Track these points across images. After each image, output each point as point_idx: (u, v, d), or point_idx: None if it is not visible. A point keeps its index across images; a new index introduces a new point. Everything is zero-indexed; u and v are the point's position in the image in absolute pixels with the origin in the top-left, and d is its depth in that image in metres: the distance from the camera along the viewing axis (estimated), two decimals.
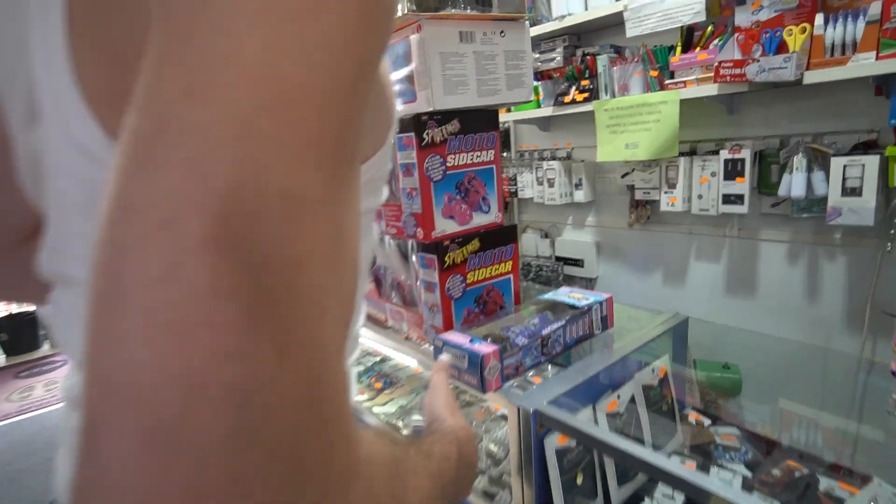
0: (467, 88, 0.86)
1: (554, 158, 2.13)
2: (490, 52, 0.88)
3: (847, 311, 1.52)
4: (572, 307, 0.93)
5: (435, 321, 0.94)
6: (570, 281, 2.28)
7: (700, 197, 1.68)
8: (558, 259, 2.29)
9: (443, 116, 0.86)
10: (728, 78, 1.40)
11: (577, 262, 2.22)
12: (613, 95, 1.77)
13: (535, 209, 2.40)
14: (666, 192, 1.73)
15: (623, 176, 1.91)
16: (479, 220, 0.95)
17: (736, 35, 1.45)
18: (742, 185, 1.54)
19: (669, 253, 1.92)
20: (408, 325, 1.07)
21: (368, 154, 0.35)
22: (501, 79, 0.89)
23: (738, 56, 1.45)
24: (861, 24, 1.23)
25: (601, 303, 0.94)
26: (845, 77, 1.24)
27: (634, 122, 1.69)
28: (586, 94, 1.83)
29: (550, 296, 0.99)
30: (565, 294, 0.99)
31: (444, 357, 0.80)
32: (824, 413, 1.46)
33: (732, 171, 1.55)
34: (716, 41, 1.51)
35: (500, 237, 0.97)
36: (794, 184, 1.41)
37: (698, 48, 1.55)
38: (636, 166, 1.83)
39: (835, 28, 1.26)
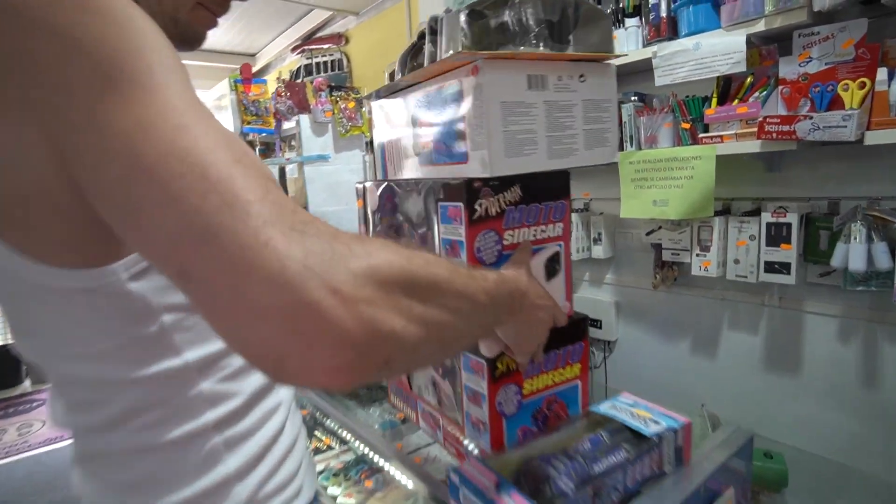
0: (535, 148, 0.69)
1: (572, 210, 1.97)
2: (566, 102, 0.70)
3: None
4: (636, 434, 0.71)
5: (482, 441, 0.74)
6: None
7: (737, 262, 1.51)
8: None
9: (501, 182, 0.68)
10: (774, 135, 1.25)
11: (595, 323, 2.03)
12: (640, 147, 1.62)
13: None
14: (698, 255, 1.56)
15: (648, 233, 1.75)
16: None
17: (780, 88, 1.31)
18: (788, 253, 1.37)
19: (699, 319, 1.73)
20: (443, 436, 0.86)
21: None
22: (579, 135, 0.72)
23: (782, 111, 1.31)
24: None
25: (676, 431, 0.71)
26: None
27: (664, 178, 1.54)
28: None
29: (607, 408, 0.77)
30: (626, 408, 0.77)
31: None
32: None
33: (776, 236, 1.38)
34: (756, 94, 1.37)
35: (568, 333, 0.77)
36: (852, 255, 1.23)
37: (736, 100, 1.40)
38: (664, 224, 1.67)
39: None
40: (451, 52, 0.66)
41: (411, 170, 0.82)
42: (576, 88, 0.70)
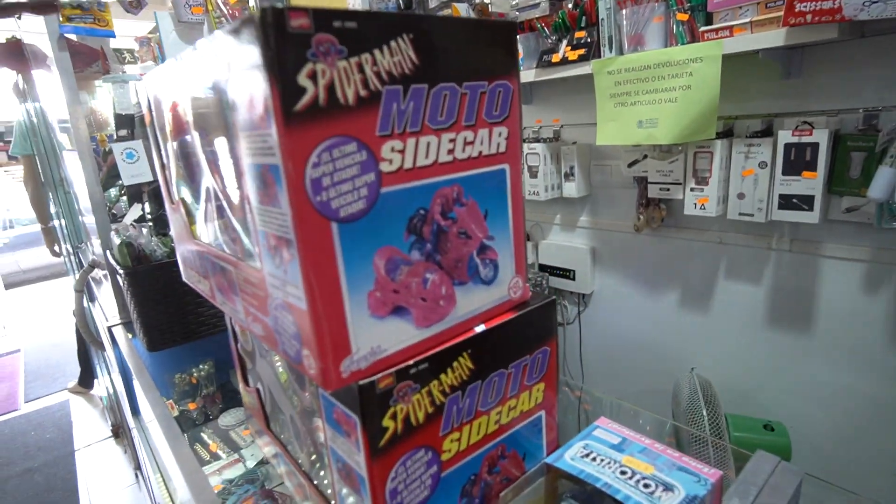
0: None
1: (537, 140, 1.61)
2: None
3: None
4: None
5: None
6: (557, 296, 1.80)
7: (741, 197, 1.19)
8: (542, 268, 1.80)
9: (363, 20, 0.29)
10: (809, 17, 0.89)
11: (567, 273, 1.73)
12: (622, 52, 1.25)
13: None
14: (693, 190, 1.24)
15: (631, 165, 1.41)
16: (471, 301, 0.40)
17: None
18: (812, 182, 1.05)
19: (690, 267, 1.44)
20: None
21: None
22: None
23: None
24: None
25: (701, 500, 0.38)
26: None
27: (652, 90, 1.18)
28: (582, 51, 1.31)
29: (580, 459, 0.43)
30: (610, 457, 0.42)
31: None
32: None
33: (798, 161, 1.06)
34: None
35: (524, 333, 0.43)
36: None
37: None
38: (650, 151, 1.33)
39: None
40: None
41: None
42: None
